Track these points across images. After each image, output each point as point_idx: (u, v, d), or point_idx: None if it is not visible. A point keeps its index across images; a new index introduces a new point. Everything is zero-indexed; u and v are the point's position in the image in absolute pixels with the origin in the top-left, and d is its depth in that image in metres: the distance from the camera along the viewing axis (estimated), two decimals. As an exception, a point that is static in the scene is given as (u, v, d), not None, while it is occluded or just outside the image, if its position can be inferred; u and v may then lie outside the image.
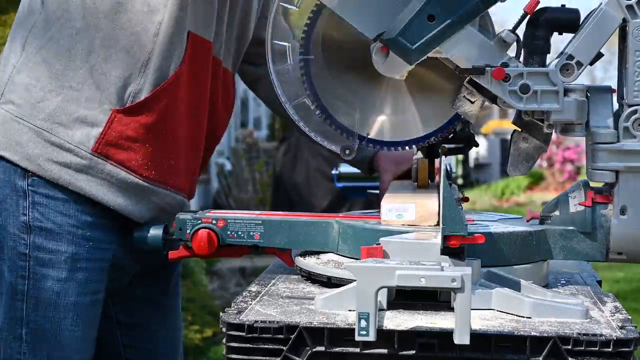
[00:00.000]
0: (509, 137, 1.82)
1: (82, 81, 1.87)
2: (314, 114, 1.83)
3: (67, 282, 1.89)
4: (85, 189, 1.88)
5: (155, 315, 2.16)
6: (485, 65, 1.73)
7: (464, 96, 1.78)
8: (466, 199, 2.04)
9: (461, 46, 1.71)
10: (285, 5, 1.84)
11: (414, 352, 1.44)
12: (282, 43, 1.82)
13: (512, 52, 1.75)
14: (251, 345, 1.46)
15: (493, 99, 1.76)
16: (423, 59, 1.72)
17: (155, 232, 1.88)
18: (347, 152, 1.82)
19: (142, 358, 2.16)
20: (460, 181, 16.04)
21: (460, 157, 16.41)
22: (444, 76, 1.81)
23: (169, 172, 1.94)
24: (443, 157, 1.82)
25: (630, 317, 1.54)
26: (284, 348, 1.46)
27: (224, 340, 1.48)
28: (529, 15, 1.72)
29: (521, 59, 1.73)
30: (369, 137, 1.85)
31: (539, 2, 1.72)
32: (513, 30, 1.71)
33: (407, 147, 1.87)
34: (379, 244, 1.61)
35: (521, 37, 1.74)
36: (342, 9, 1.75)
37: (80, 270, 1.90)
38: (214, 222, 1.82)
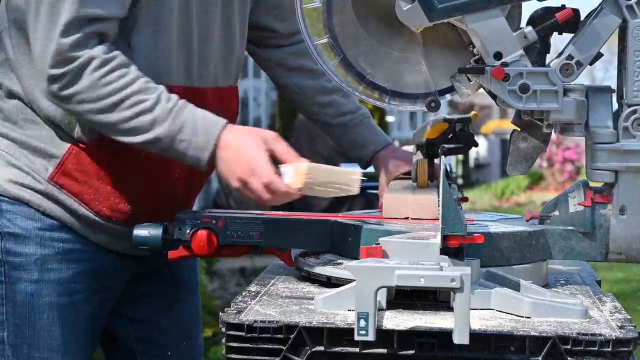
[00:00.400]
0: (508, 137, 1.82)
1: (43, 117, 1.90)
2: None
3: (39, 284, 1.92)
4: (43, 206, 1.92)
5: (166, 309, 2.16)
6: (486, 64, 1.73)
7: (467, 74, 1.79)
8: (466, 199, 2.04)
9: (483, 23, 1.72)
10: None
11: (413, 352, 1.44)
12: None
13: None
14: (251, 345, 1.46)
15: (496, 102, 1.77)
16: (443, 21, 1.72)
17: (154, 232, 1.88)
18: (433, 104, 1.83)
19: (156, 352, 2.16)
20: (460, 181, 16.05)
21: (460, 157, 16.42)
22: (459, 44, 1.83)
23: (122, 210, 1.95)
24: (443, 157, 1.82)
25: (629, 317, 1.54)
26: (284, 348, 1.46)
27: (223, 340, 1.48)
28: (558, 23, 1.73)
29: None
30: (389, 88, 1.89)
31: (572, 14, 1.72)
32: (538, 32, 1.72)
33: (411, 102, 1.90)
34: (379, 243, 1.61)
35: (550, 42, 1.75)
36: None
37: (52, 270, 1.93)
38: (213, 222, 1.82)
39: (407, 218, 1.83)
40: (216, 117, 1.81)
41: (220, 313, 1.51)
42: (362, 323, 1.36)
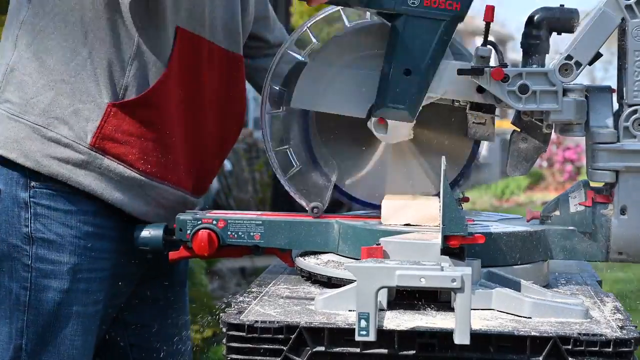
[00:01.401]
0: (508, 137, 1.83)
1: (75, 74, 1.86)
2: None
3: (68, 293, 1.89)
4: (84, 183, 1.88)
5: (162, 314, 2.16)
6: (485, 66, 1.73)
7: (473, 122, 1.82)
8: (466, 199, 2.04)
9: (446, 80, 1.75)
10: (293, 53, 1.90)
11: (414, 352, 1.44)
12: (280, 88, 1.90)
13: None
14: (251, 346, 1.46)
15: (496, 104, 1.77)
16: (419, 110, 1.77)
17: (155, 232, 1.88)
18: (316, 210, 1.85)
19: (149, 357, 2.16)
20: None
21: (460, 157, 16.39)
22: (444, 119, 1.88)
23: (165, 167, 1.94)
24: (443, 157, 1.82)
25: (630, 317, 1.54)
26: (284, 348, 1.46)
27: (224, 340, 1.48)
28: (488, 24, 1.74)
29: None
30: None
31: (493, 10, 1.73)
32: (484, 43, 1.73)
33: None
34: (379, 244, 1.61)
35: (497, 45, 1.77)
36: (321, 106, 1.85)
37: (82, 280, 1.91)
38: (214, 222, 1.82)
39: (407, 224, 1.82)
40: None
41: (221, 313, 1.51)
42: (363, 323, 1.36)
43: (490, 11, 1.70)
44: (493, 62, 1.75)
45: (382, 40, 1.77)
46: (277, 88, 1.92)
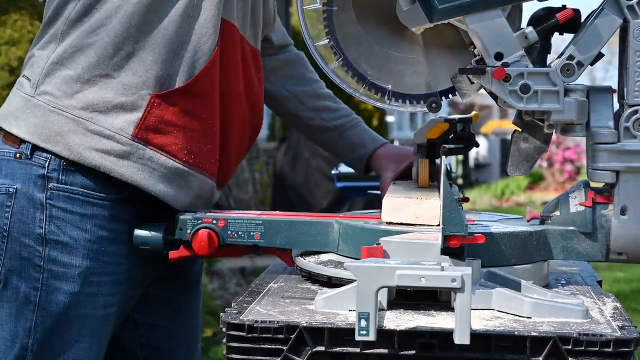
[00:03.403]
0: (509, 137, 1.83)
1: (118, 68, 1.88)
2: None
3: (79, 296, 1.89)
4: (126, 174, 1.88)
5: (173, 314, 2.16)
6: (486, 65, 1.73)
7: (467, 75, 1.79)
8: (466, 199, 2.04)
9: (484, 24, 1.72)
10: None
11: (414, 352, 1.44)
12: None
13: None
14: (251, 345, 1.46)
15: (496, 103, 1.77)
16: (443, 22, 1.72)
17: (155, 232, 1.88)
18: (434, 105, 1.84)
19: (159, 357, 2.16)
20: (460, 181, 16.05)
21: (460, 157, 16.43)
22: (460, 45, 1.83)
23: (205, 157, 1.95)
24: (443, 157, 1.82)
25: (630, 317, 1.54)
26: (284, 348, 1.46)
27: (224, 340, 1.48)
28: (558, 23, 1.73)
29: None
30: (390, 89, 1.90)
31: (573, 14, 1.72)
32: (538, 32, 1.72)
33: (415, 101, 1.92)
34: (379, 243, 1.61)
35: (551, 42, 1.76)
36: None
37: (93, 284, 1.91)
38: (214, 222, 1.82)
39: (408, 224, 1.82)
40: None
41: (221, 313, 1.51)
42: (363, 323, 1.36)
43: (567, 14, 1.73)
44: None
45: None
46: None
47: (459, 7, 1.71)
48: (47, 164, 1.90)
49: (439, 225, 1.73)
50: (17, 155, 1.92)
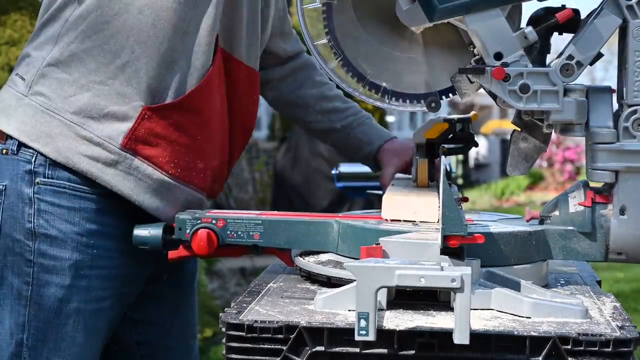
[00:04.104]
0: (509, 137, 1.82)
1: (113, 77, 1.89)
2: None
3: (70, 289, 1.90)
4: (112, 182, 1.90)
5: (169, 311, 2.17)
6: (486, 65, 1.73)
7: (467, 74, 1.79)
8: (466, 199, 2.04)
9: (484, 23, 1.72)
10: None
11: (413, 352, 1.44)
12: None
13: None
14: (251, 345, 1.46)
15: (496, 103, 1.76)
16: (443, 21, 1.72)
17: (155, 232, 1.88)
18: (433, 105, 1.84)
19: (156, 355, 2.16)
20: (460, 181, 16.05)
21: (460, 157, 16.44)
22: (459, 44, 1.83)
23: (193, 170, 1.96)
24: (443, 157, 1.82)
25: (630, 317, 1.54)
26: (284, 348, 1.46)
27: (223, 340, 1.48)
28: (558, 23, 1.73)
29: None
30: (385, 87, 1.90)
31: (572, 14, 1.72)
32: (538, 32, 1.72)
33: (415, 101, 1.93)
34: (379, 243, 1.61)
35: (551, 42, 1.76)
36: None
37: (84, 277, 1.92)
38: (213, 222, 1.82)
39: (408, 221, 1.82)
40: None
41: (221, 313, 1.51)
42: (363, 323, 1.36)
43: (567, 14, 1.73)
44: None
45: None
46: None
47: (458, 7, 1.71)
48: (33, 159, 1.91)
49: (437, 222, 1.73)
50: (4, 151, 1.93)
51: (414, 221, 1.79)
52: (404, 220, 1.80)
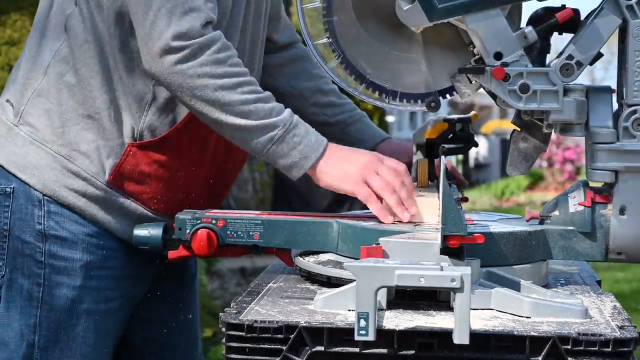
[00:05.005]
0: (509, 137, 1.82)
1: (100, 112, 1.91)
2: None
3: (81, 290, 1.92)
4: (97, 216, 1.93)
5: (173, 308, 2.18)
6: (486, 64, 1.73)
7: (467, 74, 1.79)
8: (466, 199, 2.04)
9: (484, 23, 1.72)
10: None
11: (413, 352, 1.44)
12: None
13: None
14: (251, 345, 1.46)
15: (496, 102, 1.77)
16: (443, 21, 1.73)
17: (155, 232, 1.88)
18: (433, 104, 1.84)
19: (162, 351, 2.17)
20: (460, 181, 16.02)
21: (460, 157, 16.43)
22: (459, 44, 1.83)
23: (177, 205, 1.96)
24: (443, 157, 1.82)
25: (629, 317, 1.54)
26: (284, 348, 1.46)
27: (223, 340, 1.48)
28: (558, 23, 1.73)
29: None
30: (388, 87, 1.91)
31: (572, 14, 1.72)
32: (538, 32, 1.72)
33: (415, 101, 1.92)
34: (379, 243, 1.61)
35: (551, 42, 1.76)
36: None
37: (94, 278, 1.94)
38: (213, 222, 1.82)
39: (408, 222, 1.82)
40: None
41: (220, 313, 1.51)
42: (362, 323, 1.36)
43: (567, 14, 1.73)
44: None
45: None
46: None
47: (458, 7, 1.71)
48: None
49: (437, 222, 1.73)
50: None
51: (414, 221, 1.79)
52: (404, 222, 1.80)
